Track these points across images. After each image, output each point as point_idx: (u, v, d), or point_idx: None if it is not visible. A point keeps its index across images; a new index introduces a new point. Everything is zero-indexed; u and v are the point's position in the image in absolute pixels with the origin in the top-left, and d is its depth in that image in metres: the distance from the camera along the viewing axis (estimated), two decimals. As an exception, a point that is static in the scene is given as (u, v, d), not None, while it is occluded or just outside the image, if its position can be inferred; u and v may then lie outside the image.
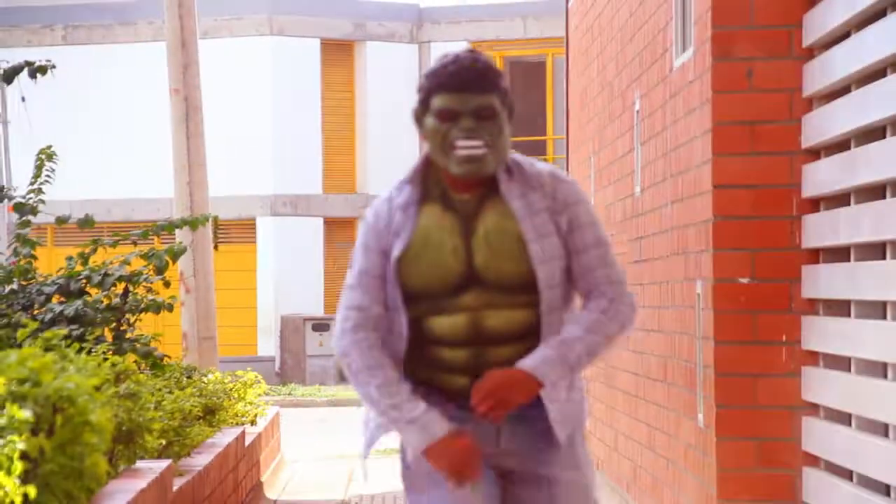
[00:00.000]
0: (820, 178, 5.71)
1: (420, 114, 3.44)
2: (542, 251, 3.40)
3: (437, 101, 3.38)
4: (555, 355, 3.40)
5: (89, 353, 5.03)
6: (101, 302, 6.96)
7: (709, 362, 6.07)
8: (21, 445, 3.59)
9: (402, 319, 3.43)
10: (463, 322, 3.40)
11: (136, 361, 5.77)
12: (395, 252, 3.41)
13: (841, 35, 5.56)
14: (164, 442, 5.67)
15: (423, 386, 3.46)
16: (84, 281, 7.01)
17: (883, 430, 5.10)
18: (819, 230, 5.73)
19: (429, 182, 3.47)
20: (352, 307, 3.44)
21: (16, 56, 7.70)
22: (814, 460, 5.79)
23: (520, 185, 3.44)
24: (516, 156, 3.48)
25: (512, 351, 3.41)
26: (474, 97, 3.36)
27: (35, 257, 6.99)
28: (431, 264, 3.40)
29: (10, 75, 6.81)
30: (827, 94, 5.71)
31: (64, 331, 4.95)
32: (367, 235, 3.45)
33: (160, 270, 7.13)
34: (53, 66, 6.61)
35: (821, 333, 5.68)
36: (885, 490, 5.06)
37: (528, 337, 3.42)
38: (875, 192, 5.23)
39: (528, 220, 3.41)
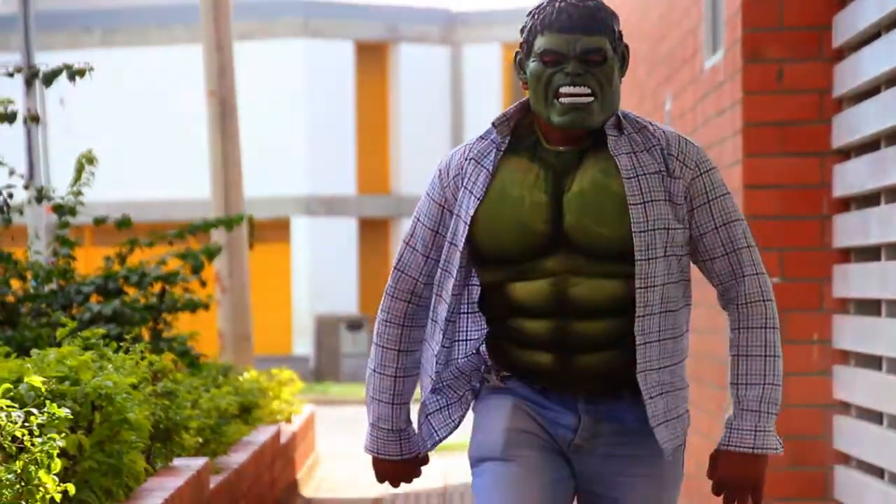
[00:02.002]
0: (850, 178, 5.74)
1: (523, 57, 3.03)
2: (646, 216, 2.93)
3: (541, 42, 2.97)
4: (756, 408, 2.95)
5: (127, 352, 5.10)
6: (139, 301, 7.04)
7: (740, 361, 6.09)
8: (60, 443, 3.66)
9: (449, 284, 3.01)
10: (546, 289, 2.96)
11: (173, 360, 5.84)
12: (466, 210, 2.99)
13: (871, 36, 5.58)
14: (200, 440, 5.74)
15: (504, 367, 3.04)
16: (121, 281, 7.09)
17: (913, 428, 5.13)
18: (850, 230, 5.75)
19: (520, 130, 3.05)
20: (395, 267, 3.09)
21: (55, 59, 7.80)
22: (845, 458, 5.81)
23: (631, 142, 3.00)
24: (630, 113, 3.09)
25: (600, 328, 2.96)
26: (583, 38, 2.95)
27: (74, 257, 7.08)
28: (507, 224, 2.97)
29: (50, 78, 6.90)
30: (857, 94, 5.74)
31: (102, 330, 5.02)
32: (431, 183, 3.06)
33: (196, 270, 7.20)
34: (92, 69, 6.68)
35: (852, 332, 5.70)
36: (915, 488, 5.08)
37: (620, 314, 2.96)
38: (905, 191, 5.25)
39: (635, 181, 2.96)
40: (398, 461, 3.13)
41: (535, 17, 3.00)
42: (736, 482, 2.97)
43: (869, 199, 5.66)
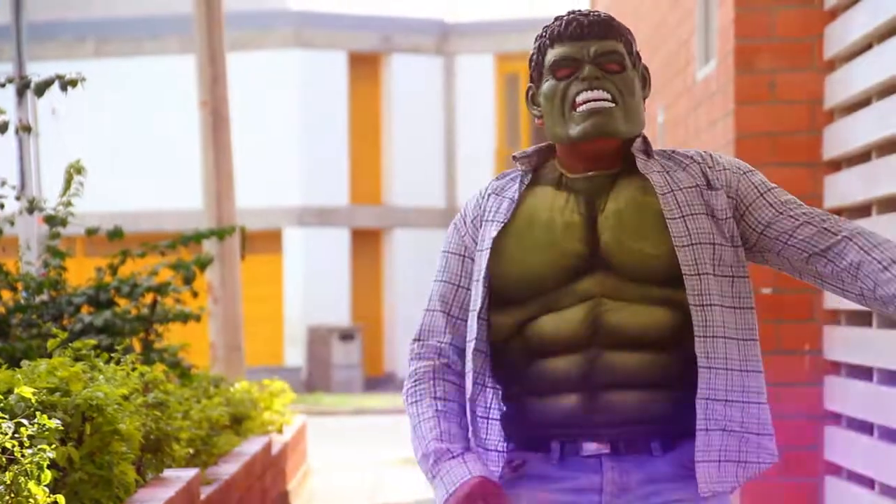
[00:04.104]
0: (841, 189, 5.74)
1: (534, 91, 2.77)
2: (688, 230, 2.65)
3: (552, 55, 2.74)
4: None
5: (118, 362, 5.09)
6: (130, 312, 7.03)
7: (732, 372, 6.10)
8: (50, 454, 3.65)
9: (474, 325, 2.71)
10: (579, 315, 2.65)
11: (164, 371, 5.83)
12: (489, 239, 2.71)
13: (862, 47, 5.59)
14: (191, 451, 5.73)
15: (521, 444, 2.73)
16: (113, 291, 7.08)
17: (904, 439, 5.13)
18: (841, 241, 5.75)
19: (542, 170, 2.80)
20: (414, 339, 2.80)
21: (47, 69, 7.79)
22: (836, 469, 5.81)
23: (661, 163, 2.75)
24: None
25: (639, 361, 2.64)
26: (596, 42, 2.72)
27: (65, 268, 7.06)
28: (538, 247, 2.68)
29: (42, 88, 6.89)
30: (848, 105, 5.75)
31: (93, 341, 5.01)
32: (446, 240, 2.79)
33: (188, 281, 7.19)
34: (84, 79, 6.67)
35: (843, 343, 5.71)
36: (907, 499, 5.08)
37: (659, 348, 2.64)
38: (896, 202, 5.26)
39: (671, 196, 2.68)
40: (476, 481, 2.67)
41: (543, 36, 2.78)
42: None
43: (860, 211, 5.67)
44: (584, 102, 2.70)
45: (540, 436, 2.71)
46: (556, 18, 2.78)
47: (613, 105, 2.71)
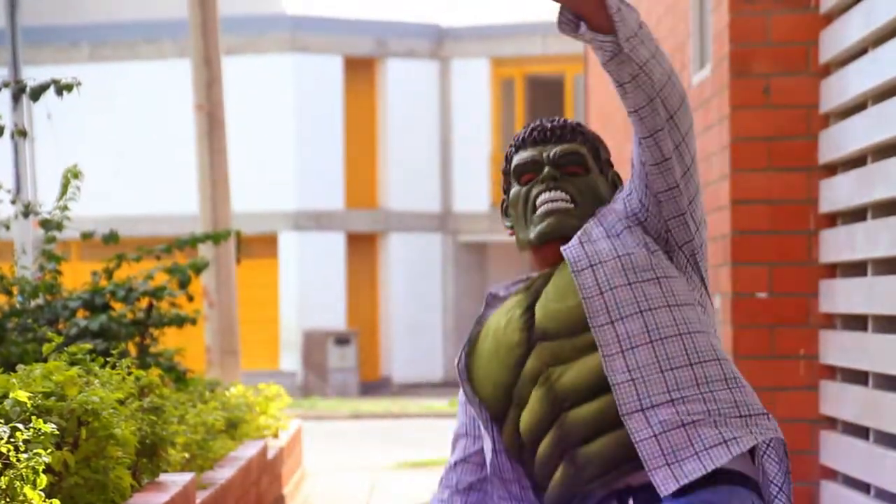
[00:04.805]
0: (837, 193, 5.75)
1: (506, 198, 2.82)
2: (595, 277, 2.66)
3: (517, 159, 2.80)
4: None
5: (113, 367, 5.09)
6: (126, 316, 7.02)
7: (727, 376, 6.11)
8: (46, 458, 3.65)
9: (488, 447, 2.77)
10: (537, 398, 2.70)
11: (159, 375, 5.82)
12: (457, 361, 2.81)
13: (857, 52, 5.60)
14: (187, 455, 5.72)
15: None
16: (108, 296, 7.08)
17: (900, 443, 5.13)
18: (836, 245, 5.76)
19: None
20: (448, 466, 2.89)
21: (42, 74, 7.78)
22: (832, 474, 5.82)
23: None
24: None
25: (600, 406, 2.65)
26: (556, 145, 2.77)
27: (60, 272, 7.06)
28: (490, 357, 2.76)
29: (37, 93, 6.89)
30: (844, 110, 5.75)
31: (88, 345, 5.01)
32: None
33: (183, 285, 7.19)
34: (79, 84, 6.67)
35: (838, 348, 5.71)
36: (902, 503, 5.09)
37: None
38: (892, 207, 5.26)
39: (578, 248, 2.71)
40: None
41: (511, 144, 2.83)
42: None
43: (856, 215, 5.67)
44: (543, 204, 2.73)
45: None
46: (525, 126, 2.85)
47: (572, 206, 2.72)
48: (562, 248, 2.74)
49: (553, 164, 2.76)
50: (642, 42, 2.59)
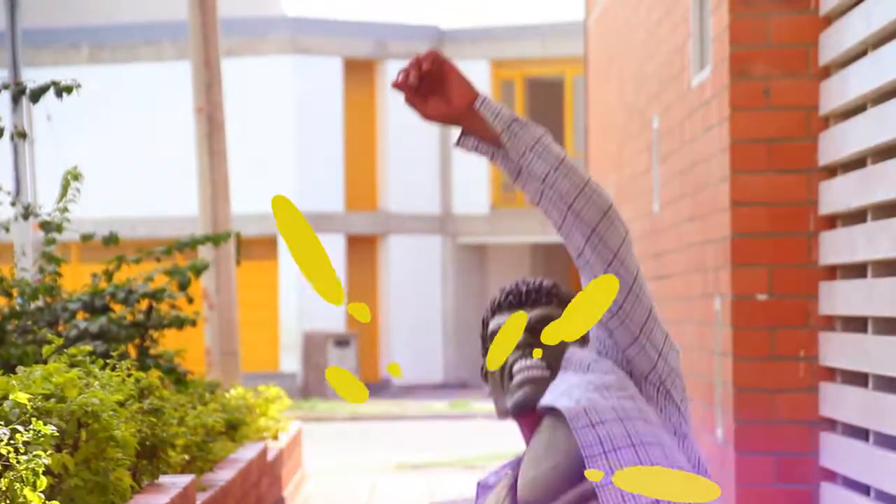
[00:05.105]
0: (836, 195, 5.75)
1: (484, 364, 2.76)
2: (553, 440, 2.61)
3: (492, 325, 2.76)
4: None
5: (113, 369, 5.09)
6: (126, 318, 7.02)
7: (727, 378, 6.10)
8: (46, 460, 3.65)
9: None
10: None
11: (159, 377, 5.82)
12: None
13: (857, 53, 5.60)
14: (187, 457, 5.72)
15: None
16: (108, 297, 7.08)
17: (899, 445, 5.13)
18: (836, 247, 5.76)
19: None
20: None
21: (42, 75, 7.78)
22: (831, 475, 5.82)
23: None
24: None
25: None
26: (532, 309, 2.72)
27: (60, 274, 7.06)
28: None
29: (37, 94, 6.89)
30: (843, 111, 5.75)
31: (88, 347, 5.01)
32: None
33: (183, 286, 7.19)
34: (79, 86, 6.67)
35: (838, 349, 5.71)
36: (902, 505, 5.09)
37: None
38: (891, 209, 5.26)
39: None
40: None
41: (487, 308, 2.79)
42: (446, 63, 2.70)
43: (855, 217, 5.67)
44: (519, 372, 2.67)
45: None
46: (501, 289, 2.80)
47: (548, 373, 2.67)
48: (540, 404, 2.66)
49: (528, 330, 2.70)
50: (539, 156, 2.57)
